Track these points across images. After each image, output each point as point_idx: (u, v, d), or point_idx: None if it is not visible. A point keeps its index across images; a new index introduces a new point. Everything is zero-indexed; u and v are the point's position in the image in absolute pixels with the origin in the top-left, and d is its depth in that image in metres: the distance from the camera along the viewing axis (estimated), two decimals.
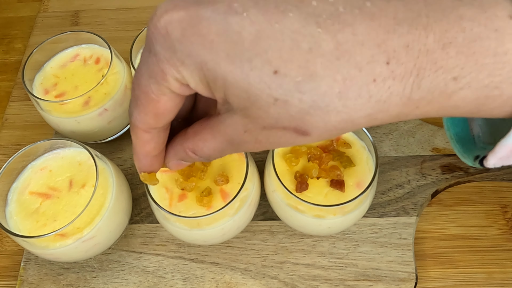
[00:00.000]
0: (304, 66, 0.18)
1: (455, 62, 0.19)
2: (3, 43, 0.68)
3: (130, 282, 0.46)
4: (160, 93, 0.22)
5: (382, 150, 0.51)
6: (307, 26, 0.18)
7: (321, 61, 0.18)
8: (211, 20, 0.19)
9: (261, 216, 0.48)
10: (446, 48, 0.19)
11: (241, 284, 0.45)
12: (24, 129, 0.58)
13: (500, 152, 0.22)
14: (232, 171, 0.42)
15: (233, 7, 0.19)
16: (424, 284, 0.45)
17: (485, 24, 0.19)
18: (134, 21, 0.67)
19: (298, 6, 0.19)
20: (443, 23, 0.19)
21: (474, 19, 0.19)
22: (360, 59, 0.18)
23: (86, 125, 0.49)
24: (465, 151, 0.27)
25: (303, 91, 0.19)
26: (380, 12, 0.19)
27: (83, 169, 0.44)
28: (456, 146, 0.28)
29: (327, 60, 0.18)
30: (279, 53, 0.18)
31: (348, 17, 0.18)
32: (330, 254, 0.46)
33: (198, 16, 0.19)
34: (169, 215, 0.39)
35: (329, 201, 0.40)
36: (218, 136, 0.23)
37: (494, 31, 0.19)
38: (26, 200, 0.43)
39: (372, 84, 0.19)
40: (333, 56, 0.18)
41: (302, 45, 0.18)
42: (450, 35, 0.19)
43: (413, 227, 0.47)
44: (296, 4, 0.19)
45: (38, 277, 0.46)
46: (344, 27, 0.18)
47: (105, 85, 0.49)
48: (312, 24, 0.18)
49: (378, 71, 0.18)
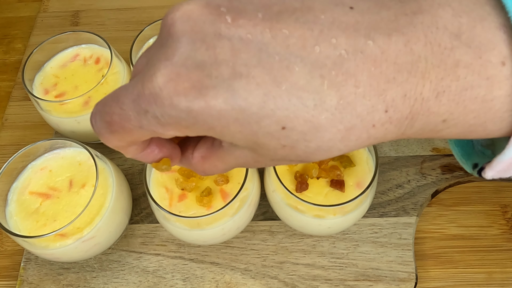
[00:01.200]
0: (309, 120, 0.19)
1: (446, 108, 0.20)
2: (3, 43, 0.68)
3: (130, 282, 0.46)
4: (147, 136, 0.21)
5: (382, 150, 0.51)
6: (312, 81, 0.19)
7: (325, 115, 0.19)
8: (217, 89, 0.19)
9: (261, 216, 0.48)
10: (440, 97, 0.20)
11: (241, 284, 0.45)
12: (24, 129, 0.58)
13: (497, 166, 0.23)
14: (232, 171, 0.42)
15: (237, 69, 0.19)
16: (424, 284, 0.45)
17: (479, 72, 0.19)
18: (134, 21, 0.67)
19: (302, 57, 0.19)
20: (440, 70, 0.19)
21: (469, 66, 0.19)
22: (361, 110, 0.19)
23: (86, 125, 0.49)
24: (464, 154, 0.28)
25: (309, 139, 0.20)
26: (382, 55, 0.19)
27: (83, 169, 0.44)
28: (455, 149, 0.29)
29: (331, 114, 0.19)
30: (287, 112, 0.19)
31: (351, 64, 0.19)
32: (330, 254, 0.46)
33: (203, 86, 0.19)
34: (169, 215, 0.39)
35: (329, 201, 0.40)
36: (227, 162, 0.23)
37: (485, 79, 0.19)
38: (26, 200, 0.43)
39: (372, 128, 0.20)
40: (337, 110, 0.19)
41: (307, 103, 0.19)
42: (445, 83, 0.19)
43: (413, 227, 0.47)
44: (300, 54, 0.19)
45: (38, 277, 0.46)
46: (347, 78, 0.19)
47: (105, 85, 0.49)
48: (317, 77, 0.19)
49: (377, 118, 0.20)
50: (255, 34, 0.19)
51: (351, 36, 0.19)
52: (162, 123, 0.20)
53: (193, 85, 0.19)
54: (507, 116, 0.20)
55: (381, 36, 0.19)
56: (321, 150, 0.20)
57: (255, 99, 0.19)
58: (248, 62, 0.19)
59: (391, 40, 0.19)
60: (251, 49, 0.19)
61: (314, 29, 0.19)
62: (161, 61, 0.19)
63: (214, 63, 0.19)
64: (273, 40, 0.19)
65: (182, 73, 0.19)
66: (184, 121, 0.20)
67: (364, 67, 0.19)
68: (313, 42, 0.19)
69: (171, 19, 0.20)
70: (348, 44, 0.19)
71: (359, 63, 0.19)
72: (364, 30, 0.19)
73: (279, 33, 0.19)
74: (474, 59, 0.19)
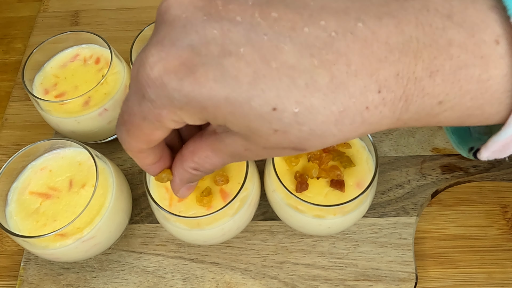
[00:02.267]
0: (301, 101, 0.19)
1: (441, 89, 0.20)
2: (3, 43, 0.68)
3: (130, 282, 0.46)
4: (154, 129, 0.22)
5: (382, 150, 0.51)
6: (302, 59, 0.19)
7: (317, 95, 0.19)
8: (207, 66, 0.19)
9: (261, 216, 0.48)
10: (434, 76, 0.19)
11: (241, 284, 0.45)
12: (24, 129, 0.58)
13: (492, 147, 0.22)
14: (232, 171, 0.42)
15: (226, 48, 0.19)
16: (424, 284, 0.45)
17: (472, 51, 0.19)
18: (134, 21, 0.67)
19: (292, 37, 0.19)
20: (432, 49, 0.19)
21: (462, 45, 0.19)
22: (354, 90, 0.19)
23: (86, 125, 0.49)
24: (461, 142, 0.27)
25: (302, 122, 0.19)
26: (373, 36, 0.19)
27: (83, 169, 0.44)
28: (452, 138, 0.28)
29: (323, 94, 0.19)
30: (277, 91, 0.19)
31: (342, 44, 0.19)
32: (330, 254, 0.46)
33: (193, 64, 0.19)
34: (169, 215, 0.39)
35: (329, 201, 0.40)
36: (219, 152, 0.23)
37: (480, 58, 0.19)
38: (26, 200, 0.43)
39: (365, 111, 0.20)
40: (329, 89, 0.19)
41: (298, 82, 0.19)
42: (438, 62, 0.19)
43: (413, 227, 0.47)
44: (289, 34, 0.19)
45: (38, 277, 0.46)
46: (338, 58, 0.19)
47: (105, 85, 0.49)
48: (307, 56, 0.19)
49: (371, 99, 0.19)
50: (245, 17, 0.19)
51: (341, 19, 0.19)
52: (158, 105, 0.20)
53: (183, 63, 0.19)
54: (504, 97, 0.20)
55: (371, 18, 0.19)
56: (314, 135, 0.20)
57: (245, 77, 0.19)
58: (237, 41, 0.19)
59: (381, 22, 0.19)
60: (240, 29, 0.19)
61: (304, 13, 0.19)
62: (153, 45, 0.20)
63: (203, 42, 0.19)
64: (262, 22, 0.19)
65: (172, 52, 0.19)
66: (177, 101, 0.20)
67: (355, 46, 0.19)
68: (302, 24, 0.19)
69: (165, 7, 0.21)
70: (338, 26, 0.19)
71: (349, 43, 0.19)
72: (354, 13, 0.19)
73: (268, 16, 0.19)
74: (467, 38, 0.19)
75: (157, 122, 0.21)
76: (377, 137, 0.52)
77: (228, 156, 0.23)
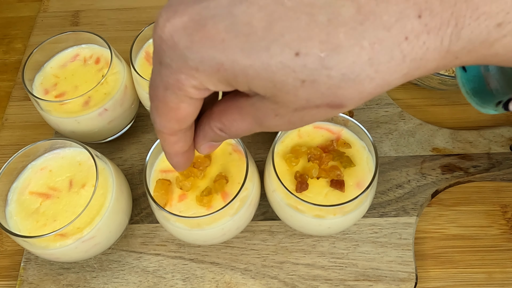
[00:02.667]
0: (325, 40, 0.16)
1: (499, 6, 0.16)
2: (3, 43, 0.68)
3: (130, 282, 0.46)
4: (179, 102, 0.21)
5: (382, 150, 0.51)
6: None
7: (343, 30, 0.16)
8: (216, 17, 0.18)
9: (261, 216, 0.48)
10: None
11: (241, 284, 0.45)
12: (24, 129, 0.58)
13: None
14: (232, 171, 0.42)
15: None
16: (424, 284, 0.45)
17: None
18: (134, 21, 0.67)
19: None
20: None
21: None
22: (387, 18, 0.16)
23: (86, 125, 0.49)
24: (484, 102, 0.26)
25: (330, 66, 0.17)
26: None
27: (83, 169, 0.44)
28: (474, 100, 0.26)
29: (350, 28, 0.16)
30: (297, 33, 0.17)
31: None
32: (330, 254, 0.46)
33: (201, 17, 0.18)
34: (169, 215, 0.39)
35: (329, 201, 0.40)
36: (247, 117, 0.22)
37: None
38: (26, 200, 0.43)
39: (405, 42, 0.17)
40: (356, 21, 0.16)
41: (319, 19, 0.16)
42: None
43: (413, 227, 0.47)
44: None
45: (38, 277, 0.46)
46: None
47: (105, 85, 0.49)
48: None
49: (410, 27, 0.16)
50: None
51: None
52: (175, 70, 0.19)
53: (192, 18, 0.18)
54: None
55: None
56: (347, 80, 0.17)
57: (259, 22, 0.17)
58: None
59: None
60: None
61: None
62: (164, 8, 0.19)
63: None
64: None
65: (180, 9, 0.19)
66: (191, 61, 0.19)
67: None
68: None
69: None
70: None
71: None
72: None
73: None
74: None
75: (179, 91, 0.20)
76: (377, 137, 0.52)
77: (256, 123, 0.22)
